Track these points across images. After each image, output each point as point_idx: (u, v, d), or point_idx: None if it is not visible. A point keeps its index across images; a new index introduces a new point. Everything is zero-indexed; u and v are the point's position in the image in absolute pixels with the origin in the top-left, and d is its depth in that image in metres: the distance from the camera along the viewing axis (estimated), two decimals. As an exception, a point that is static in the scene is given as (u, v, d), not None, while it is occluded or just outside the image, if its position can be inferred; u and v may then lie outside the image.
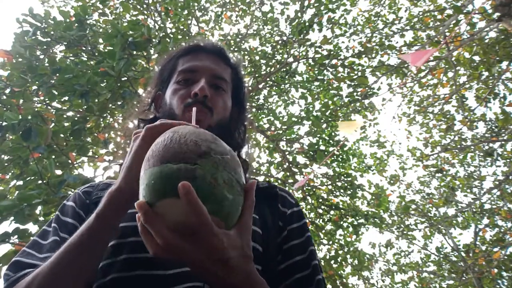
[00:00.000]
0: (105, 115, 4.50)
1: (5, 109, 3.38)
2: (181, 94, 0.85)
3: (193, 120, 0.66)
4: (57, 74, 3.66)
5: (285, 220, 0.83)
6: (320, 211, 6.88)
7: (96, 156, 4.82)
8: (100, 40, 4.83)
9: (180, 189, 0.45)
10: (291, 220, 0.84)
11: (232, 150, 0.56)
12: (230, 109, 0.90)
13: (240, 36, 7.78)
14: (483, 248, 9.18)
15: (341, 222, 6.67)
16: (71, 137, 3.68)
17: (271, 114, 7.36)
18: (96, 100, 3.92)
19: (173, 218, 0.47)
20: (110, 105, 4.11)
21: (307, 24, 6.76)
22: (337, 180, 7.03)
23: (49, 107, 4.43)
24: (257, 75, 7.28)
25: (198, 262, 0.49)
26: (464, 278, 8.76)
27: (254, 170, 6.97)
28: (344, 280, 6.22)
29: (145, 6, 6.47)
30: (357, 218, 6.56)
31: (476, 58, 6.49)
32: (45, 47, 4.29)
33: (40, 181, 2.98)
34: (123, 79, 3.82)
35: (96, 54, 4.44)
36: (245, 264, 0.52)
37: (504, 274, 8.17)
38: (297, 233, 0.82)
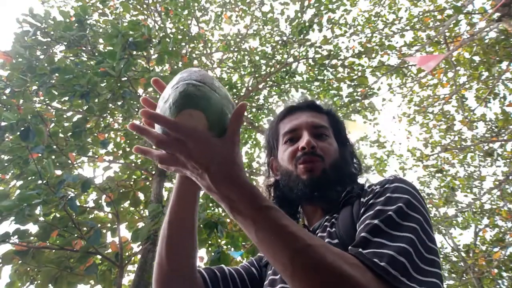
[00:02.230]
0: (105, 115, 4.50)
1: (5, 109, 3.37)
2: (290, 151, 0.94)
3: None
4: (56, 74, 3.66)
5: (363, 207, 0.76)
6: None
7: (96, 156, 4.82)
8: (100, 40, 4.83)
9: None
10: (367, 202, 0.76)
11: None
12: (338, 150, 0.97)
13: (240, 36, 7.78)
14: (483, 248, 9.19)
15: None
16: (71, 137, 3.68)
17: (271, 114, 7.35)
18: (96, 100, 3.91)
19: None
20: (110, 105, 4.11)
21: (307, 24, 6.76)
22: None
23: (49, 107, 4.43)
24: (257, 75, 7.28)
25: (183, 163, 0.61)
26: (464, 278, 8.76)
27: (254, 170, 6.97)
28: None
29: (145, 6, 6.47)
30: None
31: (476, 58, 6.50)
32: (45, 47, 4.29)
33: (40, 181, 2.97)
34: (123, 79, 3.82)
35: (96, 54, 4.44)
36: (228, 170, 0.60)
37: (504, 274, 8.18)
38: (370, 204, 0.73)
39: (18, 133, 2.96)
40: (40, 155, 3.29)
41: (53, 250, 3.24)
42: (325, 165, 0.91)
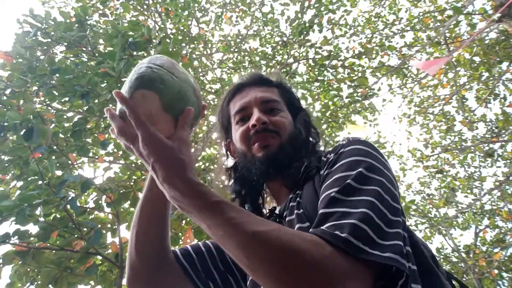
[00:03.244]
0: (105, 115, 4.49)
1: (5, 109, 3.37)
2: (242, 132, 0.91)
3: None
4: (57, 75, 3.66)
5: (322, 181, 0.72)
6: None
7: (97, 157, 4.82)
8: (101, 41, 4.83)
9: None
10: (325, 174, 0.72)
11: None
12: (292, 122, 0.93)
13: (240, 37, 7.78)
14: (484, 249, 9.18)
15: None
16: (72, 138, 3.67)
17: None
18: (97, 101, 3.91)
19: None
20: (111, 105, 4.10)
21: (307, 25, 6.76)
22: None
23: (49, 108, 4.43)
24: (257, 76, 7.27)
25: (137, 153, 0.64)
26: (464, 279, 8.74)
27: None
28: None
29: (145, 6, 6.48)
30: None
31: (477, 59, 6.50)
32: (45, 47, 4.29)
33: (40, 182, 2.97)
34: (123, 79, 3.82)
35: (97, 54, 4.44)
36: (172, 171, 0.60)
37: (505, 275, 8.16)
38: (326, 175, 0.70)
39: (21, 133, 2.96)
40: (41, 155, 3.29)
41: (53, 251, 3.24)
42: (281, 140, 0.87)
